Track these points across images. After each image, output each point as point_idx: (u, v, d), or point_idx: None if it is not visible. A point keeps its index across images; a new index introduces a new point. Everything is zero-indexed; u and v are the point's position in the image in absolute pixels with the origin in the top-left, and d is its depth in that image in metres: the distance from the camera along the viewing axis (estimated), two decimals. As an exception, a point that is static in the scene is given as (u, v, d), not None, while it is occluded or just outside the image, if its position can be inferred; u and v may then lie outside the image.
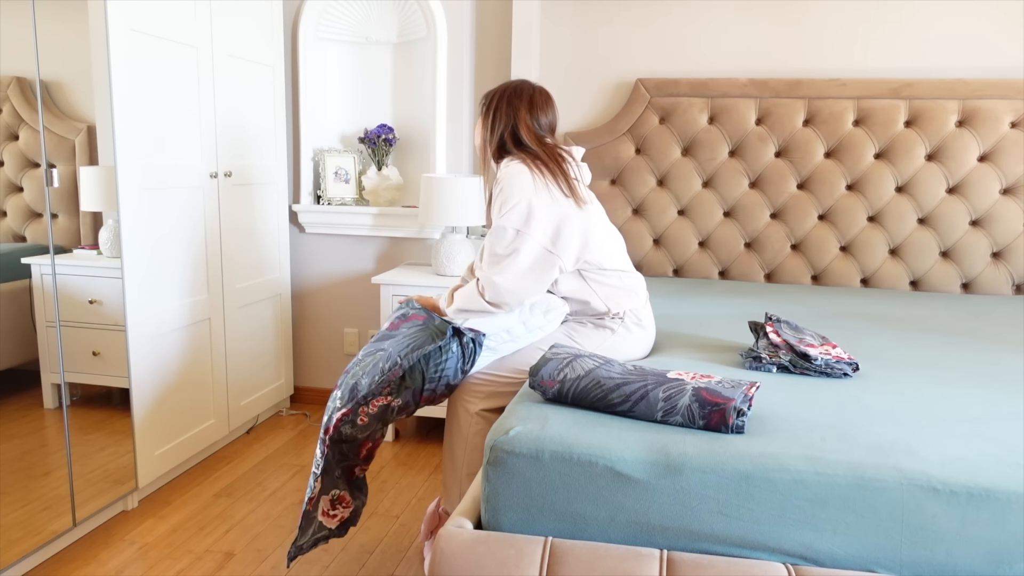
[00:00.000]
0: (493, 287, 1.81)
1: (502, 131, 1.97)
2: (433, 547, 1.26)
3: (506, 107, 1.97)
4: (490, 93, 2.03)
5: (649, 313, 2.00)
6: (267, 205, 3.17)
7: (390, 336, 1.89)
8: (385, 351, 1.84)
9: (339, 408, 1.81)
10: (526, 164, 1.88)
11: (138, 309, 2.40)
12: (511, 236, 1.82)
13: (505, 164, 1.91)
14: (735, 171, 2.94)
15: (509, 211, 1.83)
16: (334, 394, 1.85)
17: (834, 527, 1.19)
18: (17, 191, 2.05)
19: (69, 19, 2.14)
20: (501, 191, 1.86)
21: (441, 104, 3.21)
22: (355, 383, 1.81)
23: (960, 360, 1.85)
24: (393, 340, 1.86)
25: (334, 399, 1.84)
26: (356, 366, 1.86)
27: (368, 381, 1.80)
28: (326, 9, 3.25)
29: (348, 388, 1.82)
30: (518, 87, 2.02)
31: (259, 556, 2.21)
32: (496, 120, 1.98)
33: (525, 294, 1.83)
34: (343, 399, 1.81)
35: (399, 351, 1.83)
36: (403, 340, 1.85)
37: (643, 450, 1.27)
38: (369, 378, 1.80)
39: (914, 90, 2.81)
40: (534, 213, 1.82)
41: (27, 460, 2.07)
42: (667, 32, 3.03)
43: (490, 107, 2.00)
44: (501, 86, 2.04)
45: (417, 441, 3.10)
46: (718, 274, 3.02)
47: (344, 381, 1.84)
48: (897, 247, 2.87)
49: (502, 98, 1.99)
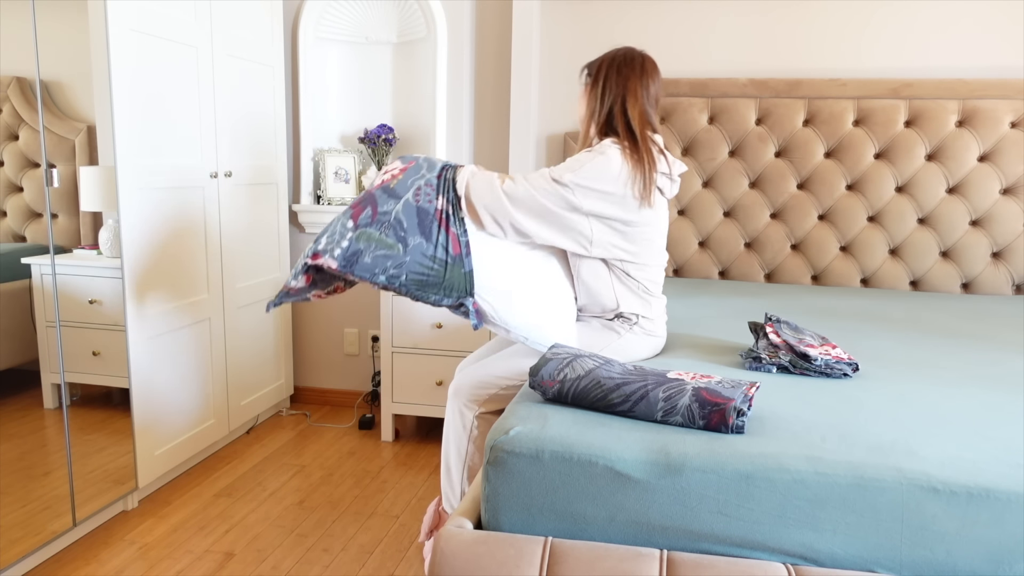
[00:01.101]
0: (516, 184, 1.76)
1: (611, 103, 1.87)
2: (433, 547, 1.26)
3: (616, 76, 1.88)
4: (595, 62, 1.92)
5: (662, 326, 1.94)
6: (267, 205, 3.17)
7: (396, 198, 1.73)
8: (395, 256, 1.69)
9: (331, 256, 1.68)
10: (624, 156, 1.81)
11: (138, 309, 2.40)
12: (557, 182, 1.77)
13: (608, 144, 1.83)
14: (735, 171, 2.94)
15: (581, 170, 1.77)
16: (325, 237, 1.70)
17: (834, 527, 1.19)
18: (17, 191, 2.05)
19: (69, 19, 2.14)
20: (591, 158, 1.79)
21: (441, 104, 3.21)
22: (359, 251, 1.67)
23: (960, 360, 1.85)
24: (408, 253, 1.70)
25: (328, 242, 1.69)
26: (366, 227, 1.70)
27: (371, 261, 1.67)
28: (326, 9, 3.25)
29: (351, 252, 1.67)
30: (627, 54, 1.90)
31: (259, 556, 2.21)
32: (606, 90, 1.88)
33: (528, 219, 1.76)
34: (339, 259, 1.67)
35: (408, 271, 1.69)
36: (416, 266, 1.70)
37: (643, 450, 1.27)
38: (371, 259, 1.67)
39: (914, 90, 2.81)
40: (593, 190, 1.77)
41: (27, 460, 2.07)
42: (667, 32, 3.03)
43: (599, 76, 1.89)
44: (607, 54, 1.92)
45: (417, 441, 3.10)
46: (718, 274, 3.02)
47: (342, 237, 1.69)
48: (897, 247, 2.87)
49: (611, 67, 1.89)
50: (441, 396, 2.99)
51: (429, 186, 1.77)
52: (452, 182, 1.78)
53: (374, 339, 3.44)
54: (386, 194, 1.75)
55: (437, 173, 1.79)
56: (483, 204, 1.77)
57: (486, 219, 1.78)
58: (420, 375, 3.00)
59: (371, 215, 1.71)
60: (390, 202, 1.74)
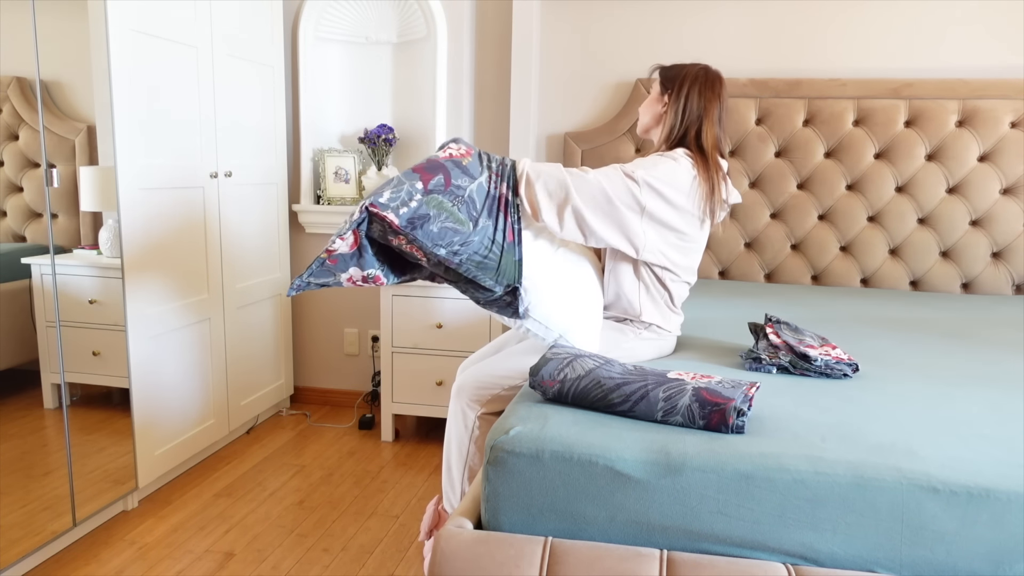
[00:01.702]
0: (584, 173, 1.73)
1: (689, 122, 1.85)
2: (433, 547, 1.26)
3: (698, 96, 1.85)
4: (678, 74, 1.88)
5: (672, 338, 1.93)
6: (267, 205, 3.17)
7: (470, 176, 1.63)
8: (463, 233, 1.58)
9: (394, 213, 1.52)
10: (695, 170, 1.80)
11: (138, 309, 2.40)
12: (628, 176, 1.74)
13: (682, 153, 1.82)
14: (735, 171, 2.94)
15: (654, 169, 1.75)
16: (388, 193, 1.54)
17: (834, 527, 1.19)
18: (17, 191, 2.05)
19: (69, 19, 2.14)
20: (665, 162, 1.78)
21: (441, 104, 3.21)
22: (427, 217, 1.54)
23: (960, 360, 1.85)
24: (475, 233, 1.60)
25: (392, 199, 1.53)
26: (439, 194, 1.57)
27: (438, 230, 1.55)
28: (326, 9, 3.25)
29: (419, 215, 1.53)
30: (714, 76, 1.88)
31: (259, 556, 2.21)
32: (688, 105, 1.85)
33: (589, 210, 1.72)
34: (403, 218, 1.52)
35: (471, 250, 1.59)
36: (479, 247, 1.61)
37: (643, 450, 1.27)
38: (438, 228, 1.55)
39: (914, 90, 2.81)
40: (660, 193, 1.75)
41: (27, 460, 2.07)
42: (667, 32, 3.03)
43: (681, 91, 1.86)
44: (690, 68, 1.88)
45: (417, 441, 3.10)
46: (718, 274, 3.02)
47: (410, 198, 1.53)
48: (897, 247, 2.87)
49: (696, 82, 1.86)
50: (441, 396, 2.99)
51: (497, 174, 1.71)
52: (512, 169, 1.73)
53: (374, 339, 3.44)
54: (458, 168, 1.65)
55: (500, 161, 1.75)
56: (547, 190, 1.71)
57: (545, 206, 1.71)
58: (420, 375, 3.00)
59: (443, 184, 1.60)
60: (464, 178, 1.64)
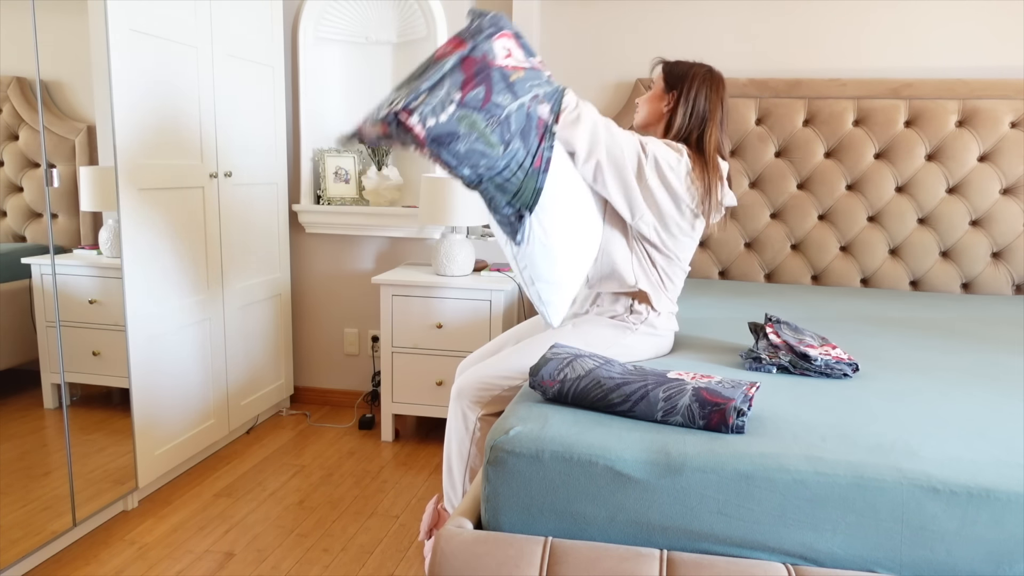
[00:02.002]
0: (613, 127, 1.74)
1: (694, 123, 1.86)
2: (433, 547, 1.26)
3: (703, 98, 1.86)
4: (685, 69, 1.88)
5: (670, 331, 1.94)
6: (267, 205, 3.17)
7: (514, 95, 1.56)
8: (491, 157, 1.52)
9: (421, 123, 1.45)
10: (693, 168, 1.81)
11: (138, 309, 2.40)
12: (642, 145, 1.75)
13: (682, 146, 1.82)
14: (735, 171, 2.94)
15: (660, 148, 1.76)
16: (424, 96, 1.46)
17: (834, 527, 1.19)
18: (17, 191, 2.05)
19: (69, 19, 2.14)
20: (668, 146, 1.79)
21: (441, 104, 3.20)
22: (455, 135, 1.48)
23: (960, 360, 1.85)
24: (504, 156, 1.55)
25: (426, 104, 1.45)
26: (474, 110, 1.49)
27: (465, 151, 1.48)
28: (326, 9, 3.25)
29: (447, 132, 1.47)
30: (718, 77, 1.88)
31: (259, 556, 2.21)
32: (695, 106, 1.85)
33: (608, 162, 1.73)
34: (429, 132, 1.45)
35: (496, 173, 1.54)
36: (505, 171, 1.56)
37: (643, 450, 1.27)
38: (465, 149, 1.49)
39: (914, 90, 2.81)
40: (661, 171, 1.76)
41: (27, 460, 2.07)
42: (667, 32, 3.03)
43: (691, 88, 1.86)
44: (697, 66, 1.88)
45: (417, 441, 3.10)
46: (718, 274, 3.02)
47: (442, 108, 1.47)
48: (897, 247, 2.87)
49: (704, 83, 1.86)
50: (441, 396, 2.99)
51: (545, 97, 1.65)
52: (561, 94, 1.69)
53: (374, 339, 3.44)
54: (504, 82, 1.55)
55: (548, 82, 1.68)
56: (586, 136, 1.71)
57: (580, 151, 1.71)
58: (420, 375, 3.00)
59: (483, 98, 1.51)
60: (506, 95, 1.55)
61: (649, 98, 1.95)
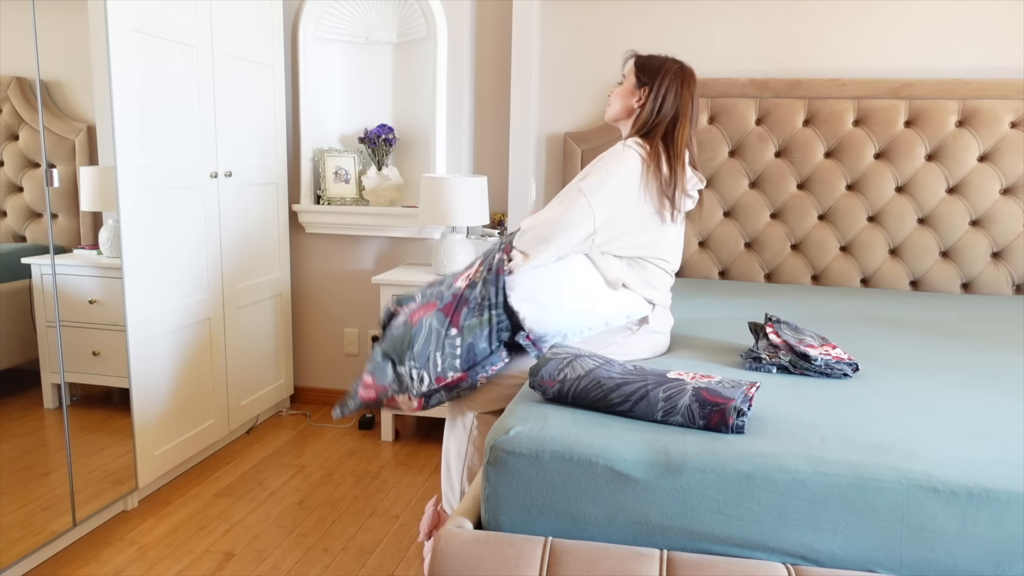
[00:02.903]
0: (524, 228, 1.84)
1: (662, 117, 1.86)
2: (433, 547, 1.26)
3: (676, 93, 1.86)
4: (657, 65, 1.88)
5: (666, 331, 1.94)
6: (267, 205, 3.17)
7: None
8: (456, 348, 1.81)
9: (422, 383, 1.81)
10: (644, 163, 1.81)
11: (138, 309, 2.40)
12: (573, 194, 1.80)
13: (626, 146, 1.83)
14: (735, 171, 2.94)
15: (591, 178, 1.80)
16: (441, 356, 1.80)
17: (834, 527, 1.19)
18: (17, 191, 2.05)
19: (69, 19, 2.14)
20: (603, 163, 1.81)
21: (441, 104, 3.21)
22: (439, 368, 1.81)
23: (960, 360, 1.85)
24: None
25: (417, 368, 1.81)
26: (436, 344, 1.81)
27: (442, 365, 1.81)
28: (326, 9, 3.25)
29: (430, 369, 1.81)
30: (690, 74, 1.89)
31: (259, 556, 2.21)
32: (667, 98, 1.85)
33: (546, 229, 1.80)
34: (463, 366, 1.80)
35: (460, 361, 1.81)
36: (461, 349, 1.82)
37: (643, 450, 1.27)
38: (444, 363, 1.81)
39: (914, 90, 2.81)
40: (608, 192, 1.79)
41: (27, 460, 2.07)
42: (667, 32, 3.03)
43: (661, 84, 1.86)
44: (669, 63, 1.88)
45: (417, 441, 3.10)
46: (718, 274, 3.02)
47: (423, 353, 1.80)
48: (897, 247, 2.87)
49: (675, 80, 1.86)
50: (441, 396, 2.99)
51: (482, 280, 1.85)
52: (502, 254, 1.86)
53: (374, 339, 3.43)
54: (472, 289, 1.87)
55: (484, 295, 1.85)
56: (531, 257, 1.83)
57: (531, 263, 1.82)
58: (420, 375, 3.00)
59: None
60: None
61: (621, 93, 1.95)
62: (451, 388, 1.82)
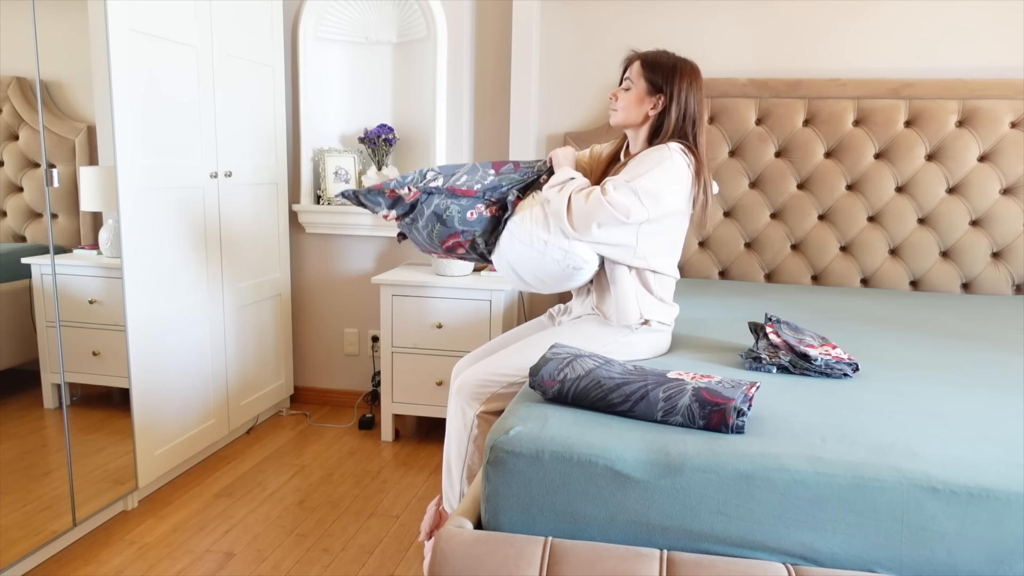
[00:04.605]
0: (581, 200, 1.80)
1: (685, 120, 1.83)
2: (433, 547, 1.26)
3: (687, 95, 1.83)
4: (668, 69, 1.83)
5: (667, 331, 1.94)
6: (267, 205, 3.17)
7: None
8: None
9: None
10: (690, 169, 1.79)
11: (138, 309, 2.40)
12: (632, 199, 1.74)
13: (672, 148, 1.78)
14: (735, 171, 2.94)
15: (654, 181, 1.74)
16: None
17: (834, 527, 1.19)
18: (17, 191, 2.05)
19: (69, 19, 2.14)
20: (662, 163, 1.75)
21: (441, 104, 3.21)
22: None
23: (960, 360, 1.85)
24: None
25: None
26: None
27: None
28: (326, 9, 3.25)
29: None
30: (698, 70, 1.86)
31: (259, 556, 2.21)
32: (687, 104, 1.82)
33: (582, 220, 1.76)
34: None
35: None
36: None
37: (643, 450, 1.27)
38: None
39: (914, 90, 2.81)
40: (663, 204, 1.76)
41: (27, 460, 2.07)
42: (667, 32, 3.03)
43: (680, 88, 1.82)
44: (680, 64, 1.84)
45: (417, 441, 3.10)
46: (718, 274, 3.02)
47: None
48: (897, 247, 2.87)
49: (693, 83, 1.83)
50: (441, 396, 2.99)
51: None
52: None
53: (374, 339, 3.44)
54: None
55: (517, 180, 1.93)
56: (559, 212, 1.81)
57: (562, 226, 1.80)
58: (420, 375, 3.00)
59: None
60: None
61: (632, 100, 1.87)
62: (455, 196, 1.85)
